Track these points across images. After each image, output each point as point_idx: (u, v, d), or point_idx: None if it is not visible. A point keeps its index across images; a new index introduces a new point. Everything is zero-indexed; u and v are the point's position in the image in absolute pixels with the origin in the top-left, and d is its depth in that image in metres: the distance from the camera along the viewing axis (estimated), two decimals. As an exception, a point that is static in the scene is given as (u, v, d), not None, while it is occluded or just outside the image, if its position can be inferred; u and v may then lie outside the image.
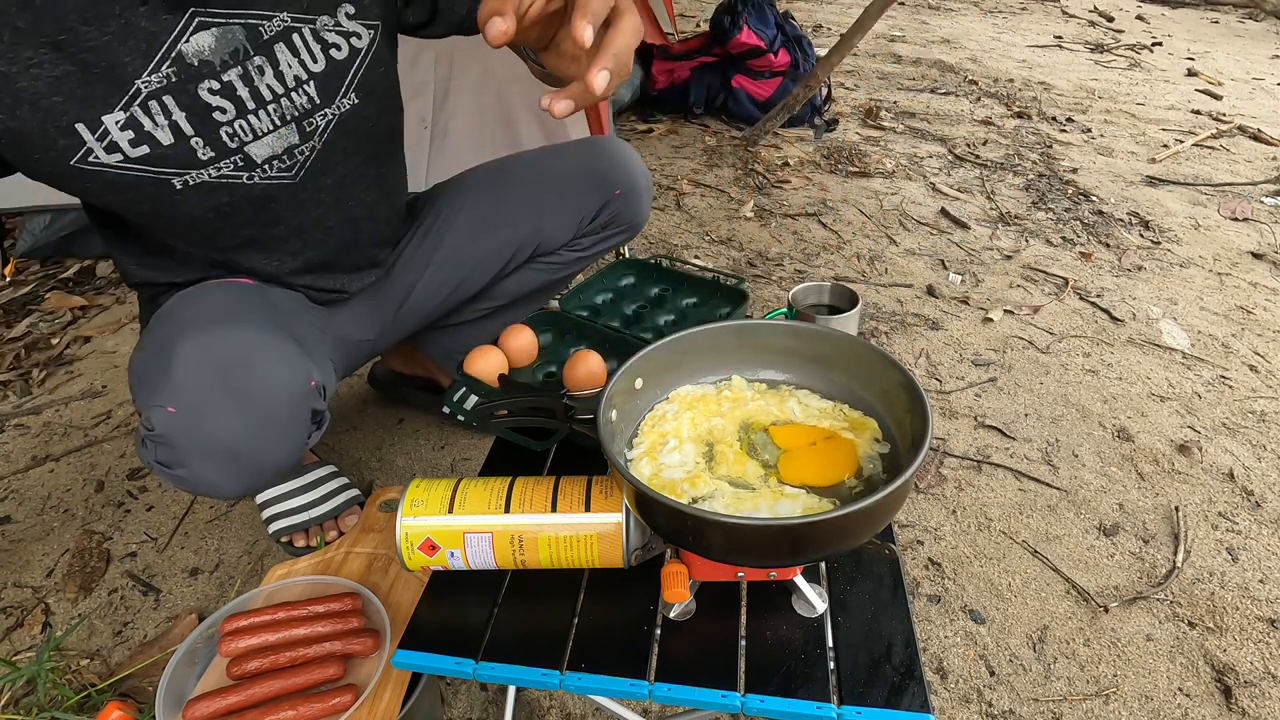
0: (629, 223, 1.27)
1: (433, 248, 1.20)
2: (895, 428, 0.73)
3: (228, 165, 0.88)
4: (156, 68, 0.78)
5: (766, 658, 0.67)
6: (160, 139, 0.81)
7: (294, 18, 0.86)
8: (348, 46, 0.92)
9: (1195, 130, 3.23)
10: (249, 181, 0.90)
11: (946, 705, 1.05)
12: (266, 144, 0.89)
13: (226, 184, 0.89)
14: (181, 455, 0.85)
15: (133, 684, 1.06)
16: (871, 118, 3.23)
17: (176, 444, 0.84)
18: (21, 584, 1.23)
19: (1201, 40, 4.88)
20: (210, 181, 0.87)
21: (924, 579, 1.23)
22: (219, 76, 0.83)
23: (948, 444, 1.51)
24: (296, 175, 0.94)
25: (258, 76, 0.86)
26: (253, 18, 0.83)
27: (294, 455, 0.93)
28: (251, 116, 0.87)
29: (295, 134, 0.91)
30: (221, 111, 0.84)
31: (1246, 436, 1.56)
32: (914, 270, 2.13)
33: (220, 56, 0.82)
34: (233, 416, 0.84)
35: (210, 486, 0.89)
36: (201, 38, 0.80)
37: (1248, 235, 2.39)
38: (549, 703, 1.04)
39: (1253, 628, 1.17)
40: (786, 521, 0.59)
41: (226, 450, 0.85)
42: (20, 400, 1.63)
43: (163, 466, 0.86)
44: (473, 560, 0.73)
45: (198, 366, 0.83)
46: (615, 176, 1.22)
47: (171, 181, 0.85)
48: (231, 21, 0.82)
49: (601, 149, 1.24)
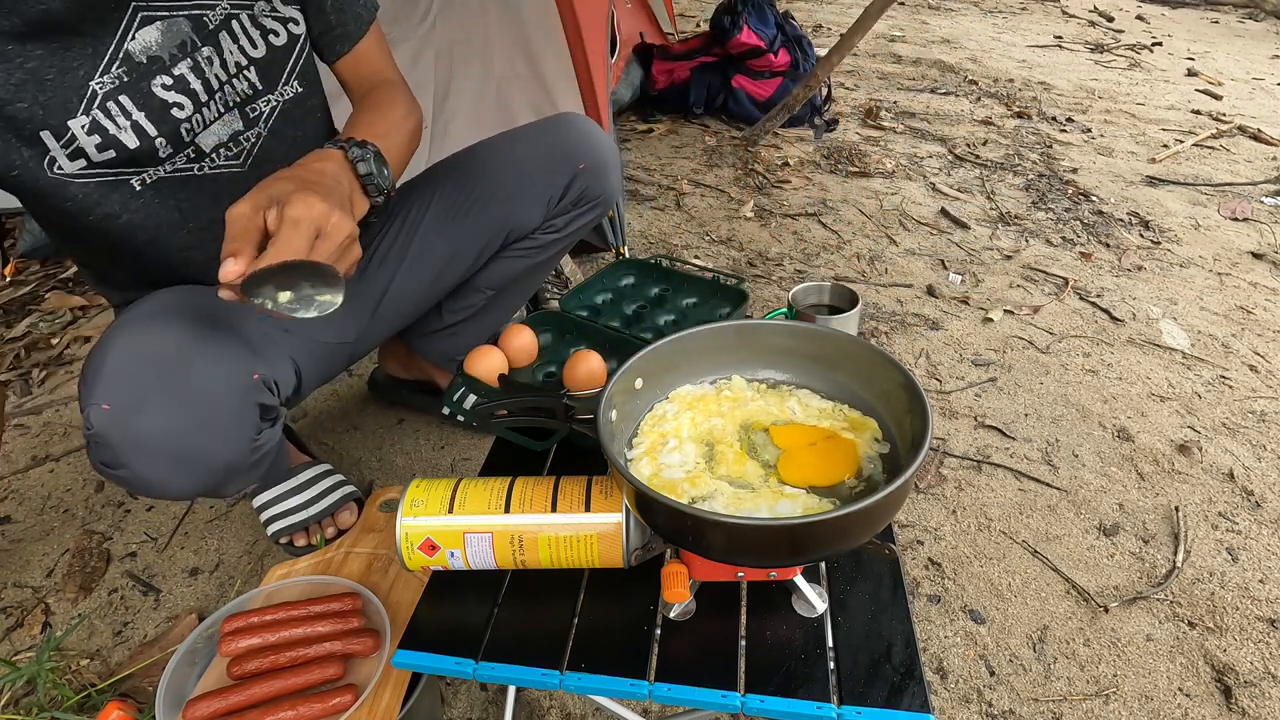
0: (599, 197, 1.24)
1: (405, 244, 1.18)
2: (895, 428, 0.73)
3: (181, 159, 0.87)
4: (107, 68, 0.78)
5: (766, 658, 0.67)
6: (125, 142, 0.81)
7: (233, 4, 0.86)
8: (286, 33, 0.92)
9: (1195, 130, 3.23)
10: (200, 173, 0.90)
11: (946, 705, 1.05)
12: (213, 132, 0.89)
13: (181, 178, 0.88)
14: (119, 454, 0.82)
15: (133, 684, 1.06)
16: (871, 118, 3.23)
17: (112, 442, 0.81)
18: (21, 584, 1.23)
19: (1201, 40, 4.88)
20: (166, 178, 0.87)
21: (924, 579, 1.23)
22: (170, 71, 0.83)
23: (948, 444, 1.51)
24: (245, 163, 0.94)
25: (207, 67, 0.86)
26: (196, 8, 0.83)
27: (241, 452, 0.90)
28: (204, 109, 0.87)
29: (239, 120, 0.91)
30: (179, 108, 0.84)
31: (1246, 436, 1.56)
32: (914, 270, 2.13)
33: (168, 50, 0.82)
34: (167, 411, 0.82)
35: (155, 486, 0.86)
36: (147, 33, 0.80)
37: (1248, 235, 2.39)
38: (549, 703, 1.04)
39: (1253, 628, 1.17)
40: (786, 521, 0.59)
41: (163, 447, 0.83)
42: (20, 400, 1.63)
43: (105, 468, 0.84)
44: (473, 560, 0.73)
45: (130, 361, 0.81)
46: (579, 152, 1.20)
47: (131, 183, 0.84)
48: (176, 14, 0.81)
49: (563, 126, 1.22)
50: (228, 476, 0.92)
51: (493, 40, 2.02)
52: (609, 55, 2.18)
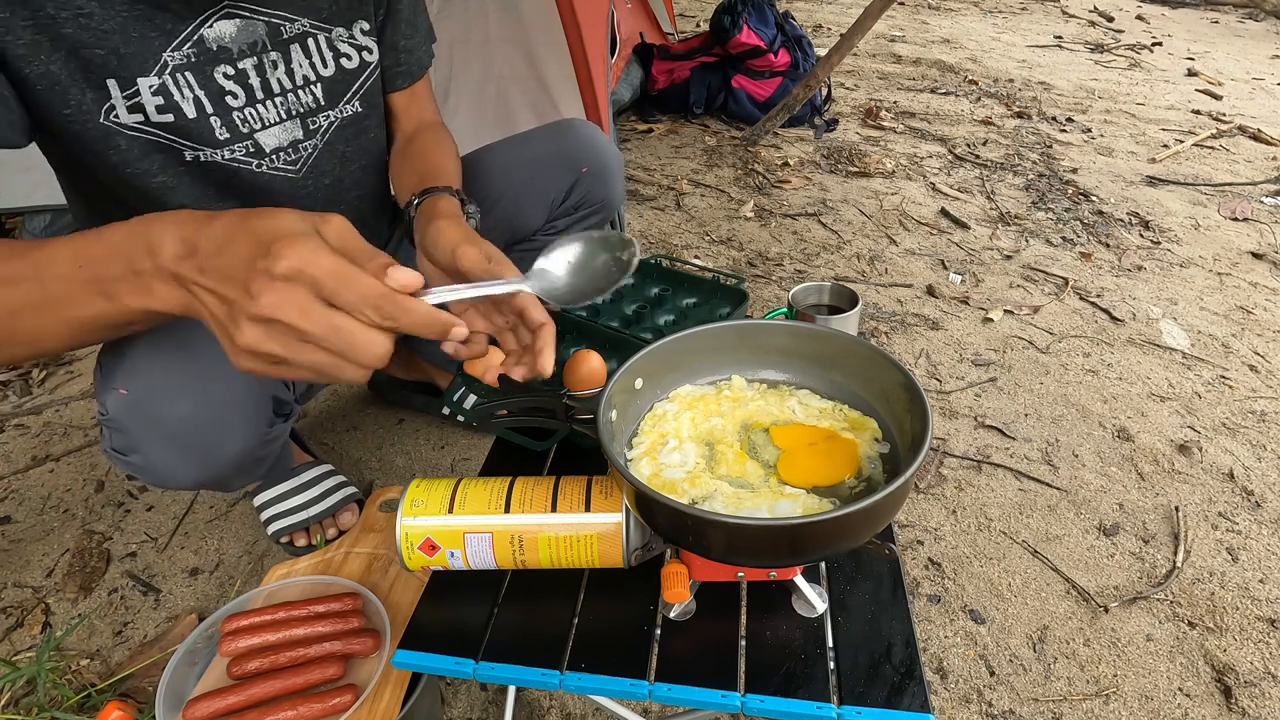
0: (601, 201, 1.26)
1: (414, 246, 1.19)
2: (895, 428, 0.73)
3: (240, 149, 0.91)
4: (180, 45, 0.82)
5: (766, 658, 0.67)
6: (185, 111, 0.85)
7: (313, 24, 0.93)
8: (359, 58, 0.98)
9: (1195, 130, 3.23)
10: (256, 169, 0.94)
11: (946, 705, 1.05)
12: (274, 134, 0.93)
13: (234, 168, 0.92)
14: (133, 440, 0.84)
15: (133, 684, 1.06)
16: (871, 118, 3.23)
17: (128, 427, 0.83)
18: (21, 584, 1.23)
19: (1201, 40, 4.88)
20: (218, 163, 0.90)
21: (924, 579, 1.23)
22: (234, 63, 0.87)
23: (948, 444, 1.51)
24: (300, 170, 0.98)
25: (270, 70, 0.90)
26: (276, 18, 0.89)
27: (252, 445, 0.92)
28: (260, 106, 0.91)
29: (299, 129, 0.96)
30: (234, 96, 0.88)
31: (1246, 436, 1.56)
32: (914, 270, 2.13)
33: (239, 45, 0.87)
34: (185, 397, 0.83)
35: (164, 474, 0.87)
36: (224, 25, 0.85)
37: (1248, 235, 2.39)
38: (549, 703, 1.04)
39: (1253, 628, 1.17)
40: (786, 521, 0.59)
41: (178, 435, 0.84)
42: (20, 400, 1.63)
43: (118, 454, 0.86)
44: (473, 560, 0.73)
45: (151, 349, 0.83)
46: (581, 155, 1.22)
47: (183, 153, 0.87)
48: (255, 17, 0.87)
49: (567, 130, 1.25)
50: (237, 469, 0.94)
51: (493, 40, 2.02)
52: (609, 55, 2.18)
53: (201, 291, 0.51)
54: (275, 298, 0.47)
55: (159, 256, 0.52)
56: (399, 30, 1.03)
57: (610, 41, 2.37)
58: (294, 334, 0.48)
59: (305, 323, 0.48)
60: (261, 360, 0.50)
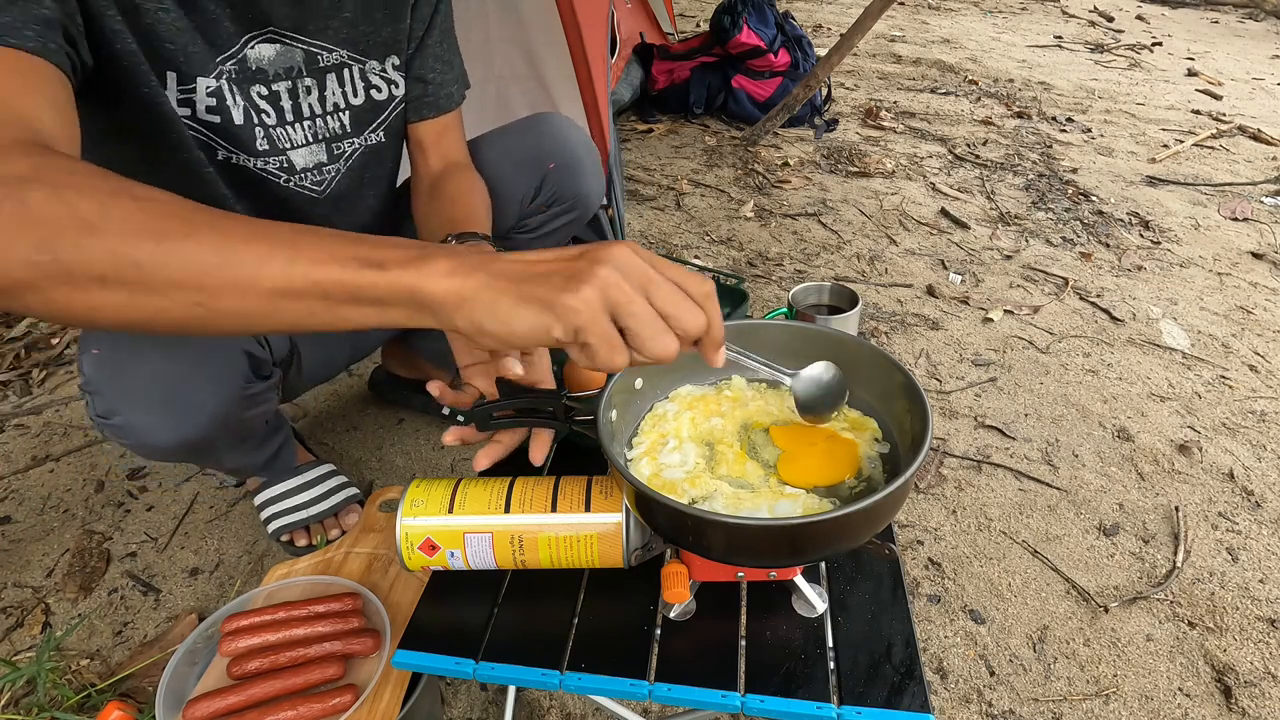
0: (573, 198, 1.22)
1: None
2: (895, 428, 0.73)
3: (274, 163, 0.95)
4: (225, 60, 0.86)
5: (766, 658, 0.67)
6: (234, 116, 0.89)
7: (350, 56, 0.97)
8: (387, 91, 1.02)
9: (1195, 130, 3.23)
10: (284, 183, 0.98)
11: (946, 705, 1.05)
12: (302, 154, 0.98)
13: (262, 177, 0.96)
14: (111, 401, 0.86)
15: (133, 684, 1.06)
16: (871, 118, 3.23)
17: (104, 389, 0.85)
18: (21, 584, 1.23)
19: (1201, 40, 4.88)
20: (251, 170, 0.94)
21: (924, 579, 1.23)
22: (269, 84, 0.91)
23: (948, 444, 1.51)
24: (324, 191, 1.03)
25: (304, 95, 0.95)
26: (315, 47, 0.94)
27: (230, 404, 0.92)
28: (289, 127, 0.95)
29: (324, 153, 1.00)
30: (266, 115, 0.92)
31: (1246, 436, 1.56)
32: (914, 270, 2.13)
33: (276, 69, 0.91)
34: (153, 348, 0.85)
35: (147, 436, 0.88)
36: (265, 49, 0.89)
37: (1248, 235, 2.39)
38: (549, 703, 1.04)
39: (1253, 628, 1.17)
40: (786, 522, 0.59)
41: (152, 389, 0.86)
42: (20, 400, 1.63)
43: (101, 419, 0.88)
44: (473, 560, 0.73)
45: None
46: (549, 152, 1.18)
47: (216, 152, 0.91)
48: (295, 45, 0.92)
49: (537, 125, 1.21)
50: (221, 429, 0.94)
51: (493, 40, 2.02)
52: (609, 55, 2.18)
53: (511, 275, 0.52)
54: (611, 261, 0.51)
55: (455, 251, 0.54)
56: (427, 64, 1.06)
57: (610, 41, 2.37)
58: (637, 277, 0.51)
59: (645, 275, 0.52)
60: (608, 291, 0.51)
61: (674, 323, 0.53)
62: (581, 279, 0.50)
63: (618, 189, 1.98)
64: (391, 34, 1.00)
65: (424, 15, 1.04)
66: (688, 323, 0.53)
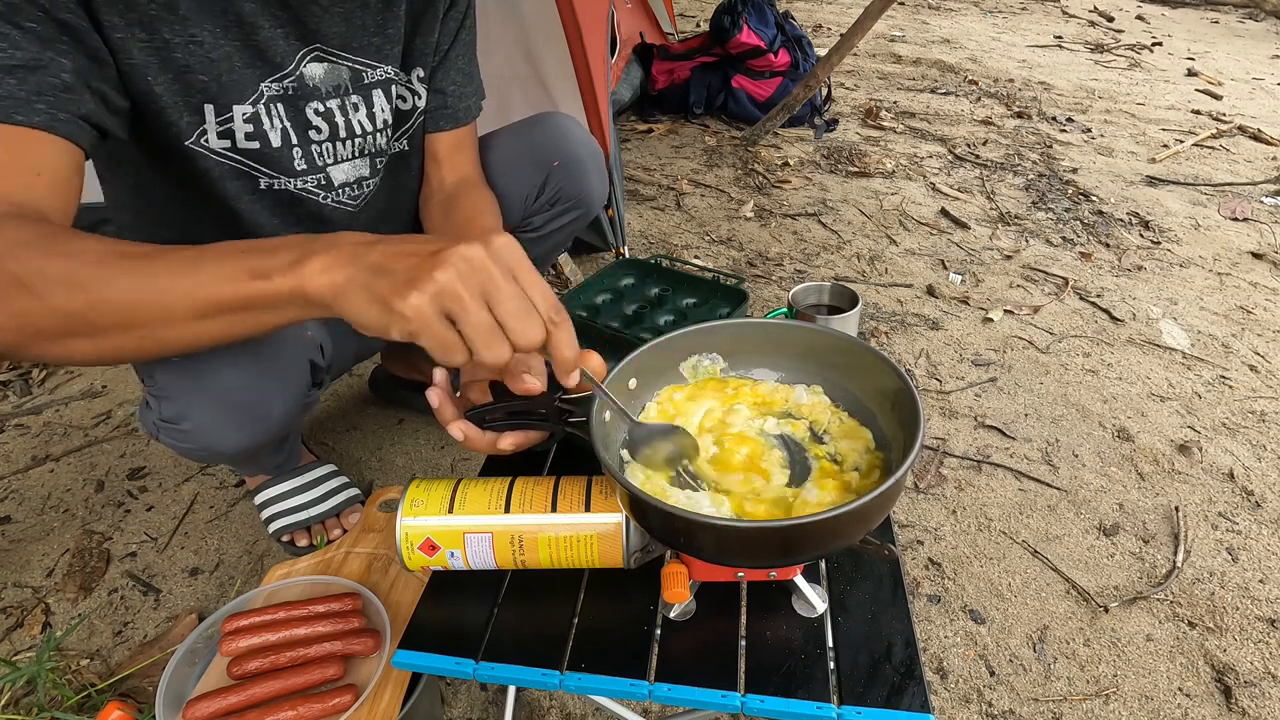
0: (576, 197, 1.23)
1: None
2: (890, 427, 0.73)
3: (312, 180, 0.96)
4: (281, 79, 0.87)
5: (766, 658, 0.67)
6: (272, 139, 0.89)
7: (395, 71, 0.99)
8: (412, 102, 1.03)
9: (1195, 130, 3.23)
10: (321, 200, 0.98)
11: (946, 705, 1.05)
12: (343, 170, 0.98)
13: (301, 197, 0.96)
14: (184, 406, 0.87)
15: (133, 684, 1.06)
16: (871, 118, 3.23)
17: (178, 395, 0.86)
18: (21, 584, 1.23)
19: (1201, 40, 4.88)
20: (290, 191, 0.94)
21: (924, 579, 1.23)
22: (323, 100, 0.92)
23: (948, 444, 1.51)
24: (359, 205, 1.03)
25: (352, 112, 0.95)
26: (359, 64, 0.94)
27: (294, 408, 0.95)
28: (338, 143, 0.96)
29: (367, 167, 1.01)
30: (318, 131, 0.93)
31: (1246, 436, 1.56)
32: (914, 270, 2.13)
33: (326, 86, 0.92)
34: (229, 360, 0.86)
35: (215, 439, 0.90)
36: (316, 67, 0.90)
37: (1248, 235, 2.39)
38: (549, 703, 1.04)
39: (1253, 628, 1.17)
40: (777, 524, 0.59)
41: (228, 393, 0.87)
42: (20, 400, 1.63)
43: (167, 424, 0.89)
44: (473, 560, 0.73)
45: None
46: (553, 150, 1.19)
47: (259, 180, 0.91)
48: (341, 63, 0.92)
49: (540, 124, 1.22)
50: (281, 431, 0.97)
51: (493, 40, 2.02)
52: (609, 55, 2.18)
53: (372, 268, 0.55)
54: (456, 264, 0.53)
55: (338, 241, 0.57)
56: (449, 77, 1.06)
57: (610, 41, 2.37)
58: (478, 283, 0.54)
59: (489, 281, 0.54)
60: (441, 298, 0.53)
61: (510, 333, 0.55)
62: (418, 283, 0.53)
63: (618, 189, 1.98)
64: (422, 46, 1.01)
65: (451, 29, 1.04)
66: (523, 334, 0.55)
